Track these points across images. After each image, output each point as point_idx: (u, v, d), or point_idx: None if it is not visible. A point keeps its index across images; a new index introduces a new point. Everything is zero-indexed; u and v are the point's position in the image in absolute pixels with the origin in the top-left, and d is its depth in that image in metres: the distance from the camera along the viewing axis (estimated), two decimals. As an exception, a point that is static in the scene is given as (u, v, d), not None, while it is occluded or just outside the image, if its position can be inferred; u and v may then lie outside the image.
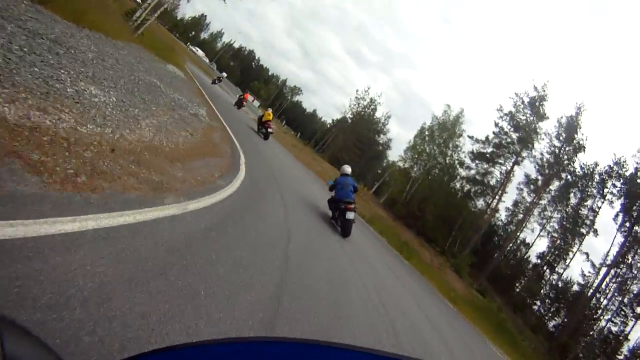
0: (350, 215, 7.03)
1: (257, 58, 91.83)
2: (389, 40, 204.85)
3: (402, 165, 39.34)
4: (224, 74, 30.59)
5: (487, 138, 33.18)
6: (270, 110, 15.69)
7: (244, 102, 21.37)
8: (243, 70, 79.72)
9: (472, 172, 33.74)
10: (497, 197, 31.69)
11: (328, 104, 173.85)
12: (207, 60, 56.03)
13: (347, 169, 8.21)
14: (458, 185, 34.60)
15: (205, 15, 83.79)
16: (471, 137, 34.28)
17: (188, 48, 50.78)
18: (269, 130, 14.71)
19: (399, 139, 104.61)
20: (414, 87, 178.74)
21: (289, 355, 0.47)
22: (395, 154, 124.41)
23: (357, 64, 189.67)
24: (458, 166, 34.75)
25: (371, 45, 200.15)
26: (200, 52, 54.82)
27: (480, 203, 33.03)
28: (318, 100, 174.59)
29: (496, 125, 32.68)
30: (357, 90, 67.77)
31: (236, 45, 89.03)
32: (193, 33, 74.43)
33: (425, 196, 31.91)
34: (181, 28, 71.34)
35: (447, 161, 35.11)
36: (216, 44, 79.72)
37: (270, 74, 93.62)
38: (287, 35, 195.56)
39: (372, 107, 53.10)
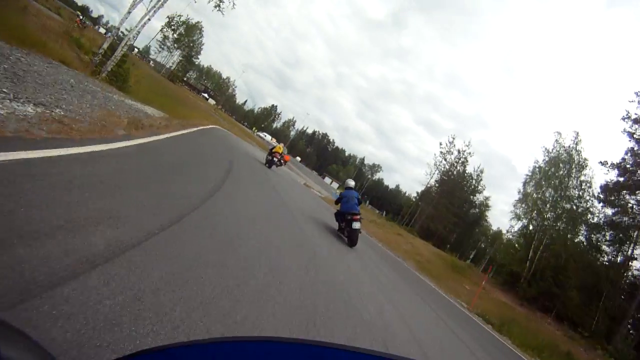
0: (356, 225, 7.40)
1: (332, 141, 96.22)
2: (458, 104, 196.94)
3: (514, 225, 28.97)
4: (282, 146, 29.10)
5: (624, 160, 22.19)
6: (281, 145, 16.35)
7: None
8: (319, 154, 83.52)
9: (607, 212, 22.71)
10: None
11: (410, 179, 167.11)
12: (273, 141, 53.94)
13: (351, 182, 8.75)
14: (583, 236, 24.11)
15: (276, 106, 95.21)
16: (604, 164, 23.26)
17: (255, 133, 54.49)
18: (274, 158, 14.82)
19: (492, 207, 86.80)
20: (491, 145, 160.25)
21: (278, 354, 0.46)
22: (493, 222, 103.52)
23: (431, 134, 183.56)
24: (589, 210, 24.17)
25: (441, 112, 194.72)
26: (268, 137, 56.45)
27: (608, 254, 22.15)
28: (399, 177, 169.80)
29: (632, 136, 21.90)
30: (440, 144, 60.82)
31: (310, 131, 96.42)
32: (265, 124, 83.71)
33: (558, 263, 21.38)
34: (251, 118, 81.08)
35: (575, 206, 24.54)
36: (289, 132, 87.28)
37: (347, 154, 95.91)
38: (359, 117, 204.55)
39: (461, 160, 45.35)
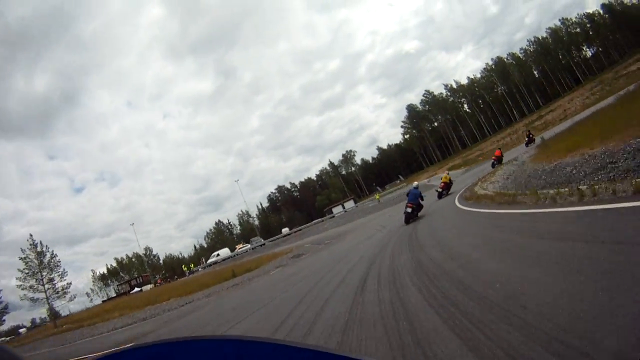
0: (407, 210, 11.31)
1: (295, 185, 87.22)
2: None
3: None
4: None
5: None
6: (446, 173, 17.82)
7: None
8: (307, 202, 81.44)
9: None
10: None
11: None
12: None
13: (414, 184, 13.09)
14: None
15: (220, 220, 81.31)
16: None
17: (206, 262, 43.68)
18: (439, 190, 16.52)
19: None
20: None
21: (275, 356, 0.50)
22: None
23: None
24: None
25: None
26: (224, 251, 44.80)
27: None
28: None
29: None
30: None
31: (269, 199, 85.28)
32: (221, 238, 72.59)
33: None
34: (198, 255, 68.03)
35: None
36: (250, 221, 74.50)
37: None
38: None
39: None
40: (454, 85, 75.90)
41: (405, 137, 79.41)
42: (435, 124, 76.78)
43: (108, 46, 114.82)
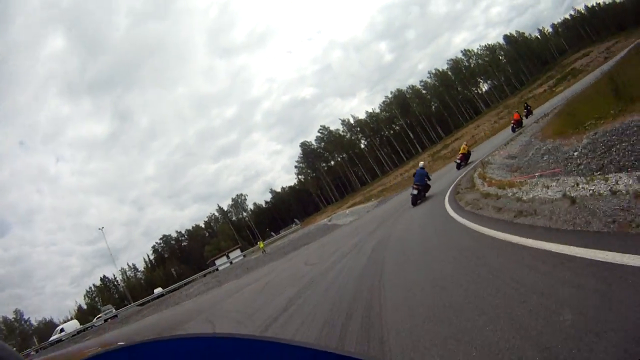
0: (414, 191, 10.88)
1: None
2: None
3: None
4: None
5: None
6: (465, 144, 18.55)
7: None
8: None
9: None
10: None
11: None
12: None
13: (420, 163, 12.34)
14: None
15: (105, 276, 65.03)
16: None
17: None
18: (457, 160, 17.73)
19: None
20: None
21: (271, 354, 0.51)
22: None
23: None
24: None
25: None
26: (107, 311, 32.68)
27: None
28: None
29: None
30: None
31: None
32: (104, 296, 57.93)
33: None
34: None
35: None
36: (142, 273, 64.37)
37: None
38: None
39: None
40: (351, 121, 71.62)
41: (300, 177, 72.10)
42: (332, 162, 71.18)
43: (2, 79, 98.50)
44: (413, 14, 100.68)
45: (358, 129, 71.57)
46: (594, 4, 73.54)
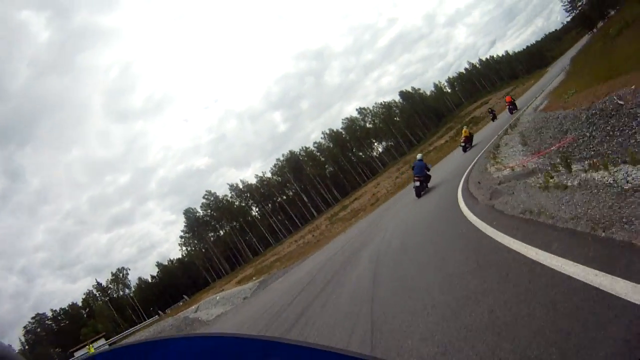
0: (416, 183, 10.84)
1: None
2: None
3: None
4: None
5: None
6: (465, 128, 19.50)
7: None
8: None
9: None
10: None
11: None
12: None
13: (418, 155, 11.97)
14: None
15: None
16: None
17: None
18: (462, 144, 18.27)
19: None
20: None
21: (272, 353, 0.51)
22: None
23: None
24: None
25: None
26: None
27: None
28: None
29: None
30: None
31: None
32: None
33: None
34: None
35: None
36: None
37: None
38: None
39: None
40: (241, 186, 64.56)
41: (186, 249, 62.50)
42: (221, 232, 63.00)
43: None
44: (308, 84, 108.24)
45: (248, 194, 64.73)
46: (487, 58, 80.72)
